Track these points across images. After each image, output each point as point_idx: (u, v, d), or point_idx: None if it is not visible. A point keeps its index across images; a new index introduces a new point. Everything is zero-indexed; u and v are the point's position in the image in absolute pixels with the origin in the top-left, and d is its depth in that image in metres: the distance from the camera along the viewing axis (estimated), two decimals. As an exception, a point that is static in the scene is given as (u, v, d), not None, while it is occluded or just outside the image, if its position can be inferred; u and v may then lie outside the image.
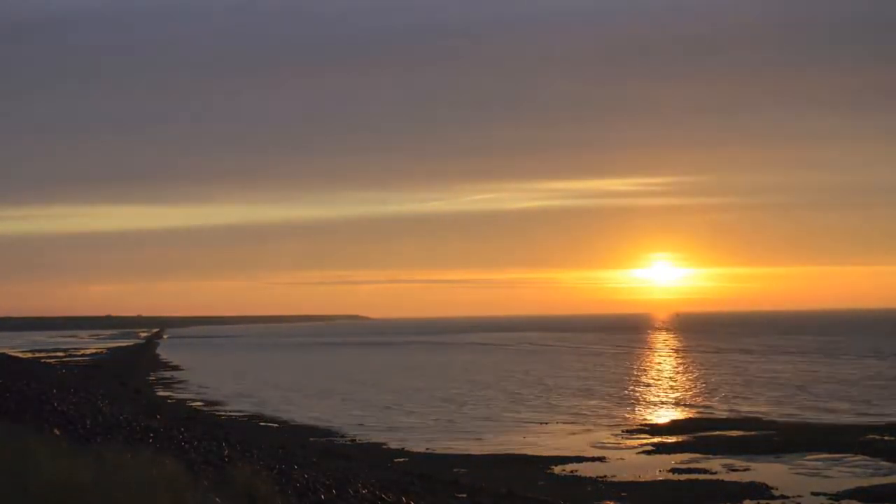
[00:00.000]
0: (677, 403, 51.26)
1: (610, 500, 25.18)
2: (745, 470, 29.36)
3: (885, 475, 28.17)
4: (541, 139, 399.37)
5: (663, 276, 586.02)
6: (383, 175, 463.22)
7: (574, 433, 39.17)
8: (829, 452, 32.23)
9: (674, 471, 29.32)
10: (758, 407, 47.99)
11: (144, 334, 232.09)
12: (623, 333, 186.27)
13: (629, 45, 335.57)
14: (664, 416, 45.32)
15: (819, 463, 30.33)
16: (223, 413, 48.28)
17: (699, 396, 54.80)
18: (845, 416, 43.41)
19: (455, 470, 29.51)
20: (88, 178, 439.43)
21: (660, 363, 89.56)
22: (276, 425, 42.88)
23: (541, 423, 42.48)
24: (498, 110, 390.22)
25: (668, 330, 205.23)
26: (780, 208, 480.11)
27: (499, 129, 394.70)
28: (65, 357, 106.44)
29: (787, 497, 25.19)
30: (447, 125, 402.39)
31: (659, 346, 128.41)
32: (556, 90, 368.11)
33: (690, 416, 45.10)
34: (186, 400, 55.79)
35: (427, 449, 34.84)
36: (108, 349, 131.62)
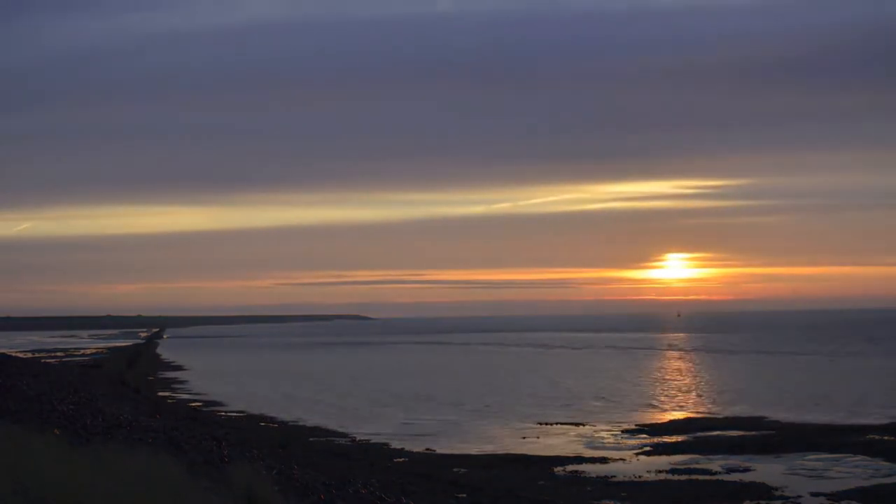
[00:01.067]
0: (678, 403, 51.24)
1: (610, 500, 25.18)
2: (745, 470, 29.36)
3: (885, 475, 28.17)
4: (598, 147, 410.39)
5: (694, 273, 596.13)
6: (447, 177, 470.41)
7: (574, 433, 39.16)
8: (829, 452, 32.25)
9: (674, 471, 29.32)
10: (758, 407, 48.00)
11: (144, 334, 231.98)
12: (648, 332, 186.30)
13: (689, 68, 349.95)
14: (664, 416, 45.30)
15: (819, 463, 30.34)
16: (223, 413, 48.27)
17: (701, 396, 54.81)
18: (845, 416, 43.38)
19: (455, 470, 29.50)
20: (95, 181, 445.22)
21: (667, 363, 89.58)
22: (276, 425, 42.87)
23: (541, 424, 42.46)
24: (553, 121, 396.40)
25: (692, 329, 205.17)
26: (826, 210, 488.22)
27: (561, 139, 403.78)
28: (65, 357, 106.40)
29: (787, 497, 25.20)
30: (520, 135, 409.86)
31: (673, 344, 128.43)
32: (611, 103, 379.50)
33: (690, 416, 45.09)
34: (186, 400, 55.78)
35: (427, 449, 34.85)
36: (108, 349, 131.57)
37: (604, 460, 31.59)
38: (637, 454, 32.92)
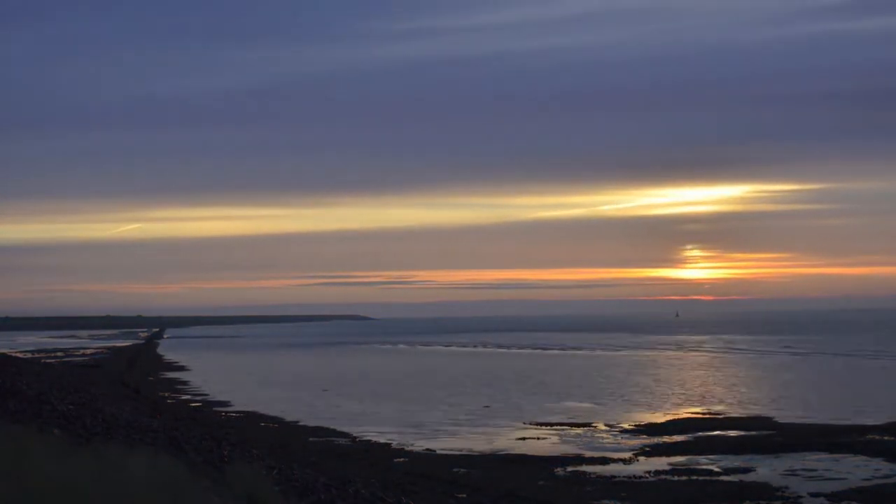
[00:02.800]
0: (679, 403, 51.24)
1: (610, 500, 25.18)
2: (745, 470, 29.36)
3: (885, 475, 28.16)
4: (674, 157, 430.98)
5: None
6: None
7: (574, 433, 39.16)
8: (829, 452, 32.25)
9: (674, 471, 29.32)
10: (759, 407, 48.04)
11: (144, 334, 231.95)
12: (671, 334, 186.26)
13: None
14: (664, 415, 45.29)
15: (819, 463, 30.34)
16: (223, 413, 48.28)
17: (703, 396, 54.83)
18: (845, 416, 43.38)
19: (455, 470, 29.50)
20: (94, 185, 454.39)
21: (674, 364, 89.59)
22: (276, 425, 42.87)
23: (541, 424, 42.46)
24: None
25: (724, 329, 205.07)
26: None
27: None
28: (65, 357, 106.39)
29: (787, 497, 25.20)
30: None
31: (689, 344, 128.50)
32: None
33: (690, 416, 45.08)
34: (186, 400, 55.79)
35: (427, 449, 34.86)
36: (108, 349, 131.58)
37: (604, 460, 31.58)
38: (637, 454, 32.91)
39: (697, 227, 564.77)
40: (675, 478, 28.15)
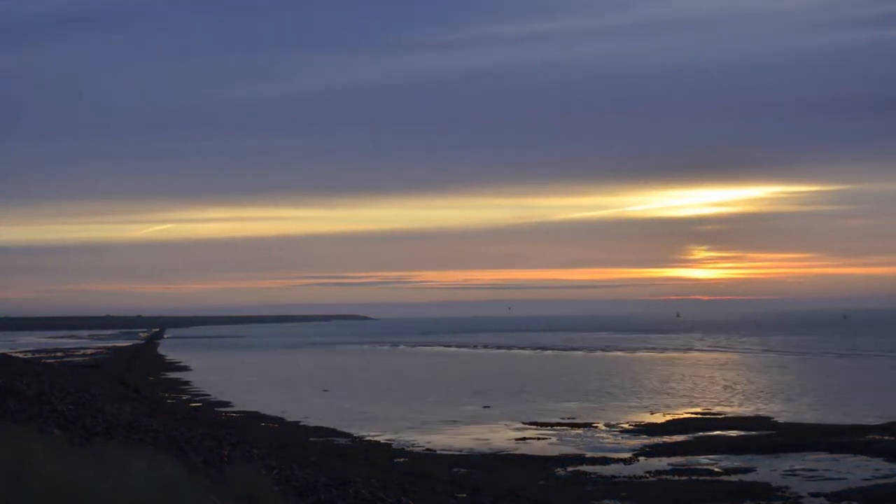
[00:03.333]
0: (679, 403, 51.25)
1: (610, 500, 25.19)
2: (745, 470, 29.36)
3: (885, 475, 28.16)
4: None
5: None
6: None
7: (574, 433, 39.16)
8: (829, 452, 32.26)
9: (674, 471, 29.32)
10: (759, 407, 48.06)
11: (144, 334, 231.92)
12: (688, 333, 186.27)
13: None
14: (664, 415, 45.29)
15: (819, 463, 30.34)
16: (223, 413, 48.27)
17: (704, 396, 54.85)
18: (846, 416, 43.39)
19: (455, 470, 29.51)
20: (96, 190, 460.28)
21: (675, 364, 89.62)
22: (276, 425, 42.86)
23: (541, 424, 42.46)
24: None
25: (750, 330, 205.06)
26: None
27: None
28: (65, 357, 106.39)
29: (787, 497, 25.20)
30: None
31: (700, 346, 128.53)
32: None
33: (690, 416, 45.09)
34: (186, 400, 55.78)
35: (427, 449, 34.87)
36: (108, 349, 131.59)
37: (604, 460, 31.58)
38: (637, 454, 32.91)
39: (717, 228, 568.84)
40: (676, 478, 28.16)
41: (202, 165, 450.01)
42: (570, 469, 29.94)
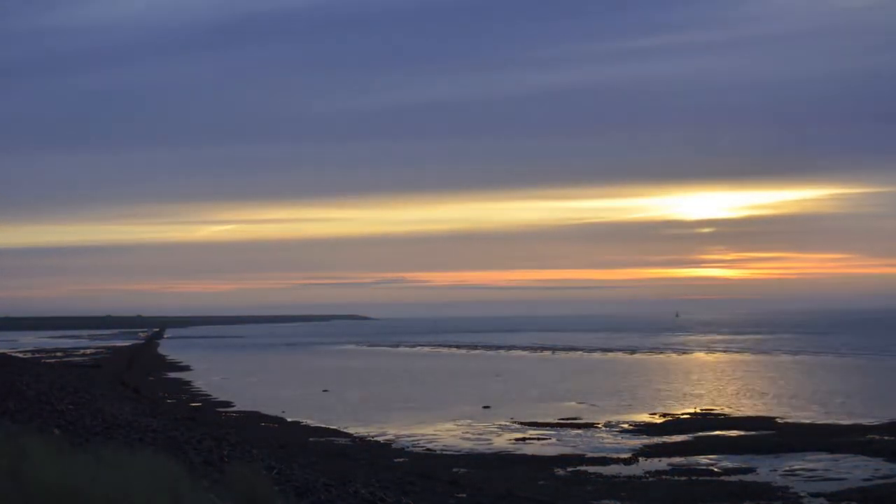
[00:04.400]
0: (679, 403, 51.26)
1: (610, 500, 25.18)
2: (745, 470, 29.35)
3: (885, 475, 28.16)
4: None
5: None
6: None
7: (574, 433, 39.16)
8: (829, 452, 32.25)
9: (674, 471, 29.32)
10: (759, 407, 48.07)
11: (144, 334, 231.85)
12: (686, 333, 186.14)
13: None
14: (664, 416, 45.27)
15: (819, 463, 30.33)
16: (223, 413, 48.28)
17: (705, 396, 54.86)
18: (846, 416, 43.40)
19: (455, 470, 29.50)
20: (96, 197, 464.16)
21: (676, 364, 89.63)
22: (276, 425, 42.86)
23: (541, 424, 42.46)
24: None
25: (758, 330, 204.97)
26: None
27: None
28: (65, 357, 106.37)
29: (787, 497, 25.19)
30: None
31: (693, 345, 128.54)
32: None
33: (690, 416, 45.09)
34: (186, 400, 55.77)
35: (427, 449, 34.86)
36: (108, 349, 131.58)
37: (604, 460, 31.58)
38: (637, 454, 32.90)
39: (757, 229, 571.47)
40: (676, 478, 28.15)
41: (207, 169, 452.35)
42: (570, 469, 29.93)
